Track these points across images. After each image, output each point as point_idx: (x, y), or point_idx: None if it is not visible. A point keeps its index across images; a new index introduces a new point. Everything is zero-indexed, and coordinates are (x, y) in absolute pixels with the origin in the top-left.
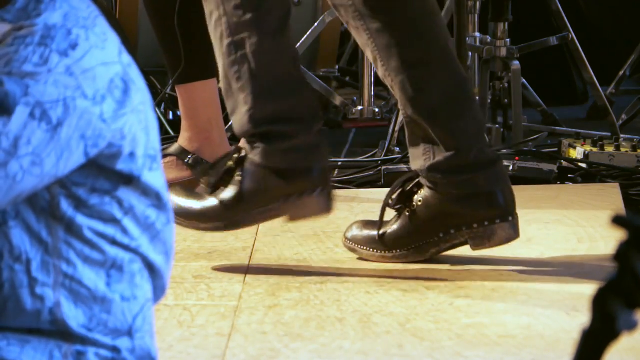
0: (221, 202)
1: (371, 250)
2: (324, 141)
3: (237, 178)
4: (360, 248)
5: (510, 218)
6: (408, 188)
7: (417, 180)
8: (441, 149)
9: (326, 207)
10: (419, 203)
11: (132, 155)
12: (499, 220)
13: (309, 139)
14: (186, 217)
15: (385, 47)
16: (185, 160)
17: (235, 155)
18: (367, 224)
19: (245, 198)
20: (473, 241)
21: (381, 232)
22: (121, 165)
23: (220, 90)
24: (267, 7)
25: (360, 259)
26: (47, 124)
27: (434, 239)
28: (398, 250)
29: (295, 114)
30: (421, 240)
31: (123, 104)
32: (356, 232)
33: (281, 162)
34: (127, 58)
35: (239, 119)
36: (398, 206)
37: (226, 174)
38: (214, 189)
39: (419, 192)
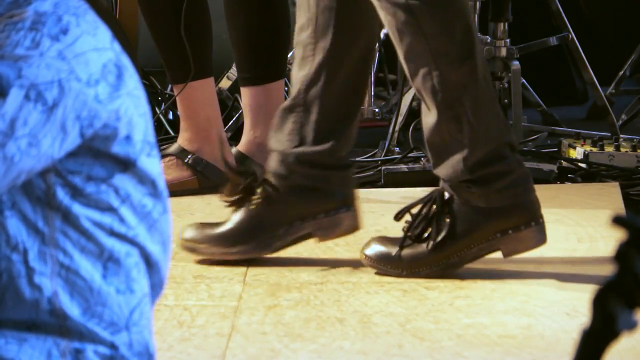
0: (433, 247)
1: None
2: (528, 170)
3: (447, 221)
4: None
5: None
6: None
7: None
8: None
9: (542, 238)
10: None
11: (128, 138)
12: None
13: (523, 170)
14: (398, 266)
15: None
16: (185, 160)
17: (437, 201)
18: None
19: (459, 240)
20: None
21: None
22: (117, 148)
23: (219, 90)
24: (479, 55)
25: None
26: (43, 104)
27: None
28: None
29: (506, 150)
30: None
31: (117, 87)
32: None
33: (501, 201)
34: (118, 47)
35: (451, 167)
36: None
37: (432, 219)
38: (419, 236)
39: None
